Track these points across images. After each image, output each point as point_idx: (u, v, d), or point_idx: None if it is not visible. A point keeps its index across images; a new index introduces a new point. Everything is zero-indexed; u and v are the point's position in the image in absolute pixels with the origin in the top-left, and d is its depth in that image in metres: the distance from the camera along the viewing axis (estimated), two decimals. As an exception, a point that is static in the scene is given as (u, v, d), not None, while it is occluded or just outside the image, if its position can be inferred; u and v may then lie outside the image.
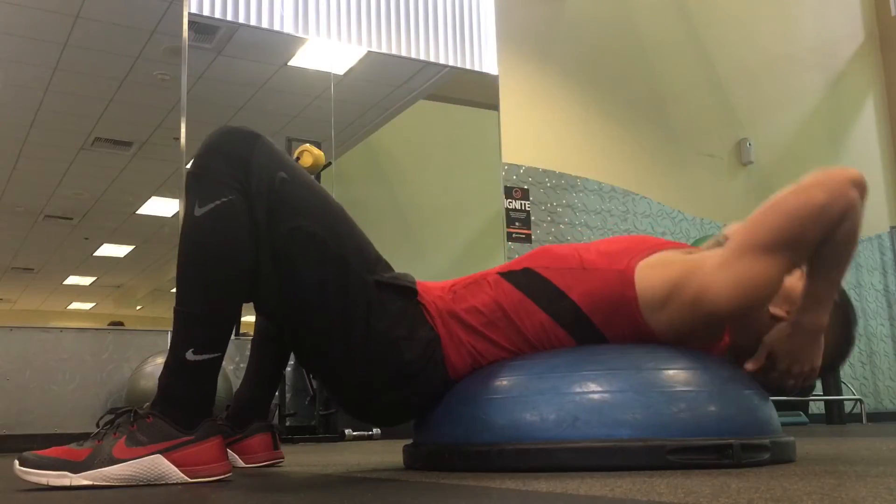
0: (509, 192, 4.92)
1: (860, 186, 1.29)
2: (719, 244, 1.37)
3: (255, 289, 1.33)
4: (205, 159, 1.31)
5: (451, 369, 1.42)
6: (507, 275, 1.46)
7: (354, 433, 3.82)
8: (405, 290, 1.42)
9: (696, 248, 1.49)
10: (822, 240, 1.26)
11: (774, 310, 1.40)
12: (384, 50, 4.73)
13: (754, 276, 1.27)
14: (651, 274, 1.37)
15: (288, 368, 4.08)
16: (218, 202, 1.27)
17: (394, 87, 4.93)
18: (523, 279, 1.44)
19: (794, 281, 1.38)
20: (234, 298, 1.31)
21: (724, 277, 1.28)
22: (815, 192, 1.25)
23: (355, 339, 1.35)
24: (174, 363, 1.28)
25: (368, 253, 1.42)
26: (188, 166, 1.33)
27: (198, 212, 1.28)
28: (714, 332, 1.42)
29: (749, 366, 1.39)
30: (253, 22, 4.35)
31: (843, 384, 5.28)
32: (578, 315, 1.41)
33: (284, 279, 1.32)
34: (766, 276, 1.27)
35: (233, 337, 1.34)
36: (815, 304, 1.33)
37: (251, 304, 1.42)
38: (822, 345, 1.38)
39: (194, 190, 1.29)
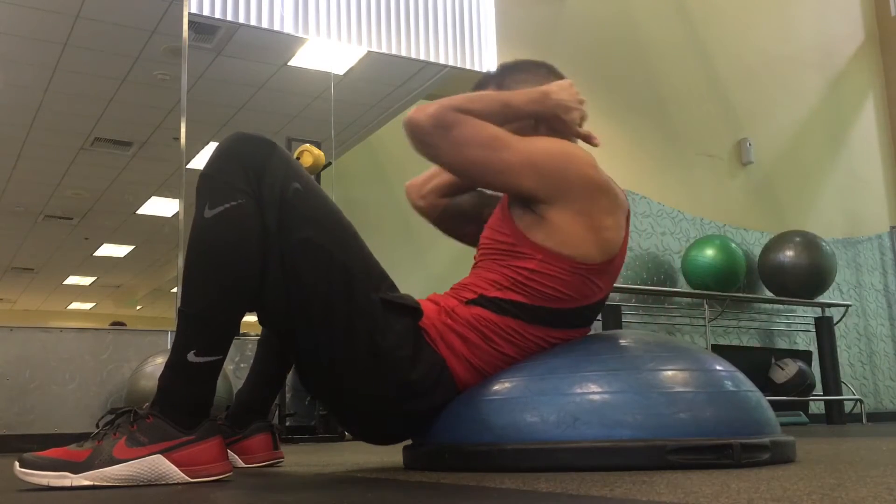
0: (509, 192, 4.92)
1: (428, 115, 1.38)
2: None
3: (260, 297, 1.33)
4: (219, 163, 1.31)
5: (460, 384, 1.42)
6: (473, 302, 1.44)
7: (354, 433, 3.82)
8: (410, 311, 1.41)
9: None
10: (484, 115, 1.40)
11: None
12: (384, 50, 4.74)
13: (508, 155, 1.38)
14: (535, 231, 1.41)
15: (288, 368, 4.08)
16: (228, 205, 1.27)
17: (394, 87, 4.94)
18: (488, 303, 1.43)
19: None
20: (238, 302, 1.30)
21: (529, 176, 1.39)
22: (448, 127, 1.38)
23: (359, 354, 1.34)
24: (176, 363, 1.28)
25: (375, 271, 1.41)
26: (200, 168, 1.32)
27: (208, 213, 1.27)
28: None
29: (595, 140, 1.54)
30: (253, 22, 4.35)
31: (843, 384, 5.28)
32: (553, 312, 1.42)
33: (290, 289, 1.32)
34: (501, 139, 1.39)
35: (232, 337, 1.34)
36: (524, 102, 1.47)
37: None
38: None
39: (205, 191, 1.29)
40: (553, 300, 1.41)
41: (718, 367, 1.34)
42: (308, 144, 3.90)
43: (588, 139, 1.54)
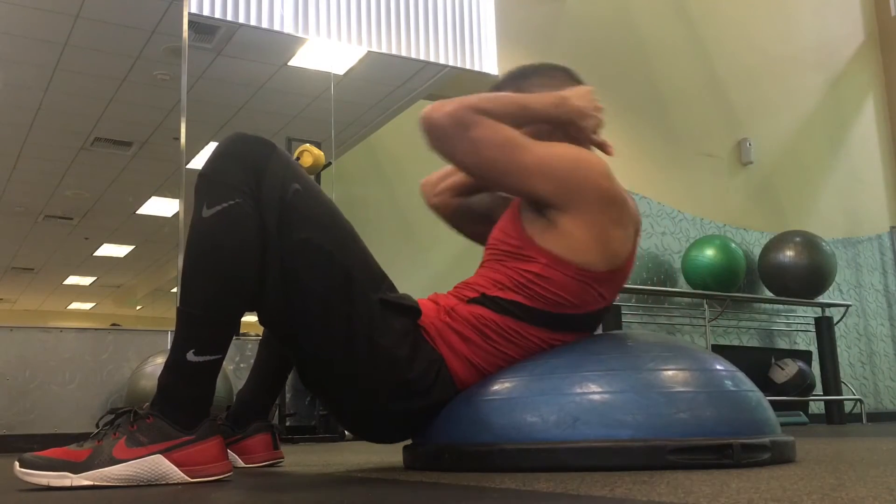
0: (509, 192, 4.92)
1: (444, 110, 1.37)
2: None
3: (260, 297, 1.33)
4: (217, 163, 1.31)
5: (459, 383, 1.42)
6: (475, 301, 1.44)
7: (354, 433, 3.82)
8: (409, 311, 1.41)
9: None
10: (506, 118, 1.40)
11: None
12: (384, 50, 4.73)
13: (538, 156, 1.39)
14: (543, 235, 1.41)
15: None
16: (226, 204, 1.27)
17: (394, 87, 4.93)
18: (490, 303, 1.43)
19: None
20: (237, 301, 1.30)
21: (542, 180, 1.39)
22: (466, 127, 1.36)
23: (358, 354, 1.35)
24: (175, 363, 1.28)
25: (374, 271, 1.42)
26: (199, 168, 1.32)
27: (205, 213, 1.27)
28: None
29: (610, 149, 1.56)
30: (253, 22, 4.35)
31: (843, 384, 5.28)
32: (555, 317, 1.42)
33: (290, 290, 1.32)
34: (521, 144, 1.39)
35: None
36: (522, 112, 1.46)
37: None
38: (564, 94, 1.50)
39: (203, 191, 1.29)
40: (554, 305, 1.41)
41: (719, 367, 1.34)
42: (308, 144, 3.90)
43: (603, 147, 1.55)
